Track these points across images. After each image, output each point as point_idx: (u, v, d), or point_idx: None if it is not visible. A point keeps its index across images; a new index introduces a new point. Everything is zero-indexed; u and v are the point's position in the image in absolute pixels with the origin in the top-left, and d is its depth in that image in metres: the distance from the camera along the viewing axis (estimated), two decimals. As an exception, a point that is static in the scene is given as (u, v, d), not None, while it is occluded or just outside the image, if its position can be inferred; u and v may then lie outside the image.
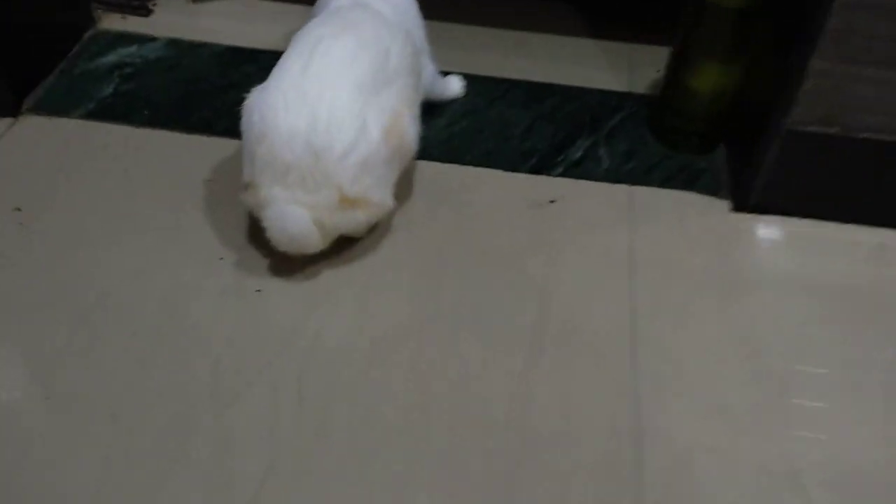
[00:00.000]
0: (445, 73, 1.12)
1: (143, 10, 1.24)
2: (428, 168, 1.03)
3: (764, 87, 0.97)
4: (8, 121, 1.06)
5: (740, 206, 1.00)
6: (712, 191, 1.02)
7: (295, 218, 0.83)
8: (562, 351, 0.84)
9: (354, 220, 0.86)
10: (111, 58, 1.17)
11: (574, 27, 1.28)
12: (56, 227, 0.93)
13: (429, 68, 1.03)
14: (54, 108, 1.08)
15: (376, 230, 0.93)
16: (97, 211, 0.95)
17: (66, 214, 0.95)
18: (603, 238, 0.96)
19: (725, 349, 0.86)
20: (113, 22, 1.23)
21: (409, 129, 0.89)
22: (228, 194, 0.97)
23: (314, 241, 0.85)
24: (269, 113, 0.82)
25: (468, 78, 1.16)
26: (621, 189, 1.02)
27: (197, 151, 1.03)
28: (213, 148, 1.03)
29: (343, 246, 0.90)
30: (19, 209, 0.95)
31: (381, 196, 0.86)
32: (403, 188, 0.98)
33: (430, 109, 1.10)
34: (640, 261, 0.93)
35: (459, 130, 1.09)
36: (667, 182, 1.03)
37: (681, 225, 0.98)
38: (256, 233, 0.90)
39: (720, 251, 0.96)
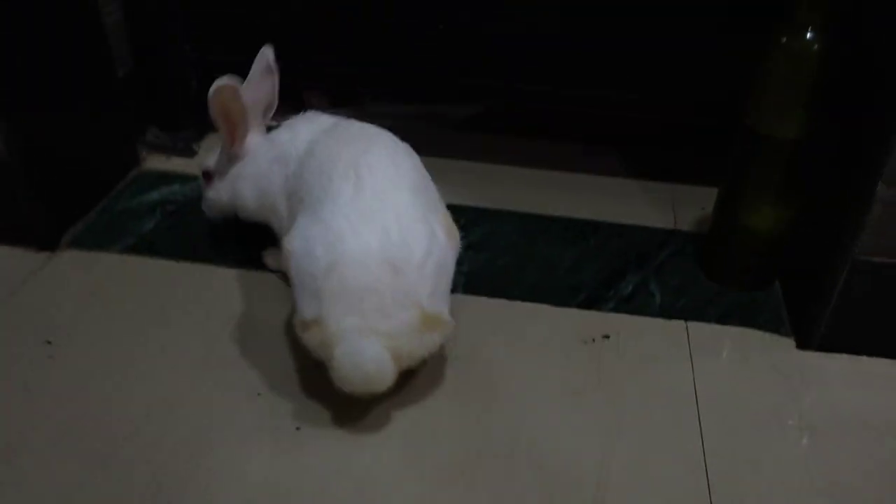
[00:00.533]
0: (486, 210, 1.12)
1: (188, 151, 1.27)
2: (474, 302, 0.99)
3: (823, 218, 0.94)
4: (45, 255, 1.04)
5: (805, 343, 0.94)
6: (773, 327, 0.97)
7: (373, 354, 0.74)
8: (631, 496, 0.76)
9: (431, 344, 0.79)
10: (154, 195, 1.17)
11: (615, 168, 1.28)
12: (86, 360, 0.88)
13: None
14: (94, 243, 1.07)
15: (424, 365, 0.88)
16: (130, 343, 0.91)
17: (97, 347, 0.90)
18: (665, 375, 0.90)
19: (811, 499, 0.77)
20: (157, 162, 1.25)
21: (454, 225, 0.85)
22: (269, 327, 0.93)
23: (389, 378, 0.76)
24: (335, 241, 0.76)
25: (509, 215, 1.15)
26: (678, 325, 0.97)
27: (238, 285, 1.00)
28: (255, 282, 1.01)
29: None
30: (49, 342, 0.91)
31: (447, 312, 0.80)
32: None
33: (471, 245, 1.08)
34: (707, 400, 0.86)
35: (503, 265, 1.06)
36: (724, 318, 0.98)
37: (745, 363, 0.92)
38: (301, 367, 0.85)
39: (789, 391, 0.89)
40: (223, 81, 0.89)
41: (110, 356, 0.89)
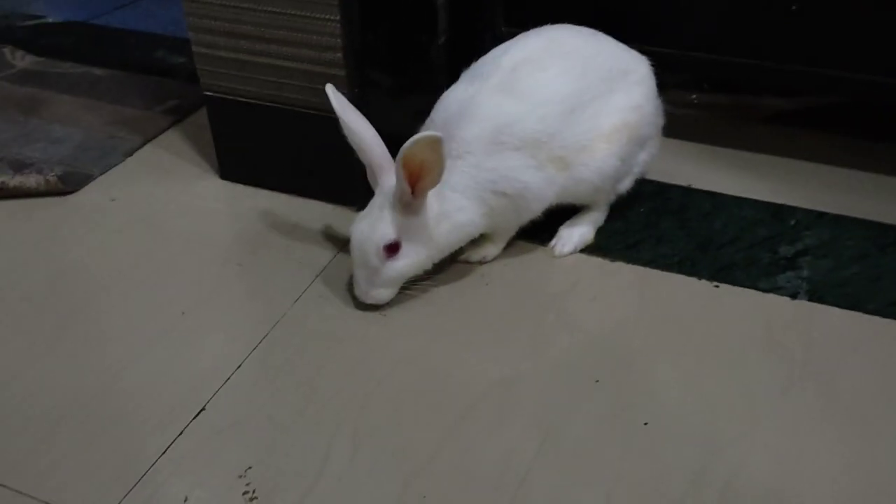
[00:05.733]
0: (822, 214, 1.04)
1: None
2: (824, 312, 0.90)
3: None
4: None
5: None
6: None
7: None
8: None
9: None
10: None
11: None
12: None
13: None
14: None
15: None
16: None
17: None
18: None
19: None
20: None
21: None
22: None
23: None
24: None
25: (851, 221, 1.04)
26: None
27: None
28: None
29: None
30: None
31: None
32: (797, 332, 0.85)
33: (808, 249, 0.98)
34: None
35: (852, 276, 0.95)
36: None
37: None
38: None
39: None
40: (427, 133, 0.83)
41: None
